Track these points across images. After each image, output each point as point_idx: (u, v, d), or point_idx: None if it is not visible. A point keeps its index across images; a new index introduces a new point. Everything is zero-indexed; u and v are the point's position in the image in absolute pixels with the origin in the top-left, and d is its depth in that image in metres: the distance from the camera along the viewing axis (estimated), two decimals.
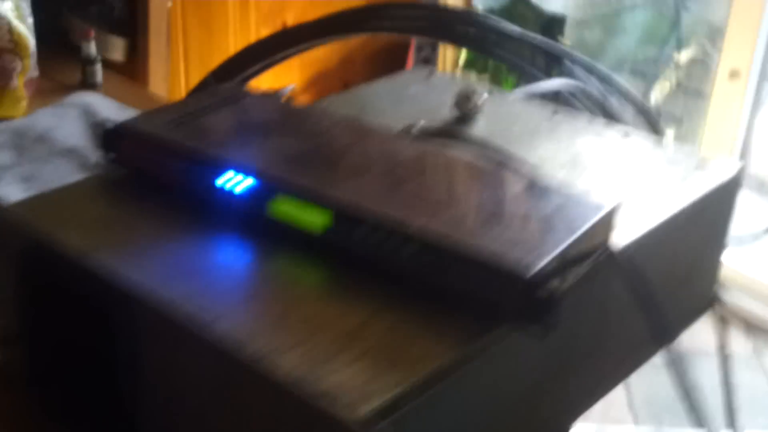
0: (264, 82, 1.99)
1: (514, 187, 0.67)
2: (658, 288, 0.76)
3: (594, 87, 1.29)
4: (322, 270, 0.65)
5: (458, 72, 2.39)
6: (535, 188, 0.68)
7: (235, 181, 0.66)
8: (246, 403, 0.56)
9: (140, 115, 0.76)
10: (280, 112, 0.78)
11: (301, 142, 0.72)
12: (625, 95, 1.31)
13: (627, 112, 1.33)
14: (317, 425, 0.51)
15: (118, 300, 0.60)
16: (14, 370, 0.71)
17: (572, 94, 1.26)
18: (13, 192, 0.97)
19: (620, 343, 0.76)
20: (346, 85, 2.28)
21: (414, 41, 2.18)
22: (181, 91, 1.94)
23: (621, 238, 0.70)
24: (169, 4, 1.55)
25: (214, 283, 0.61)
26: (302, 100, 2.25)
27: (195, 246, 0.65)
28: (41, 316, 0.68)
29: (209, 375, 0.58)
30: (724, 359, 0.95)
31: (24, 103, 1.20)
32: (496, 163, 0.74)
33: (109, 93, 1.36)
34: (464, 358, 0.57)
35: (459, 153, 0.74)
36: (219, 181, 0.67)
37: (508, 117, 0.90)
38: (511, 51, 1.26)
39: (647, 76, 2.59)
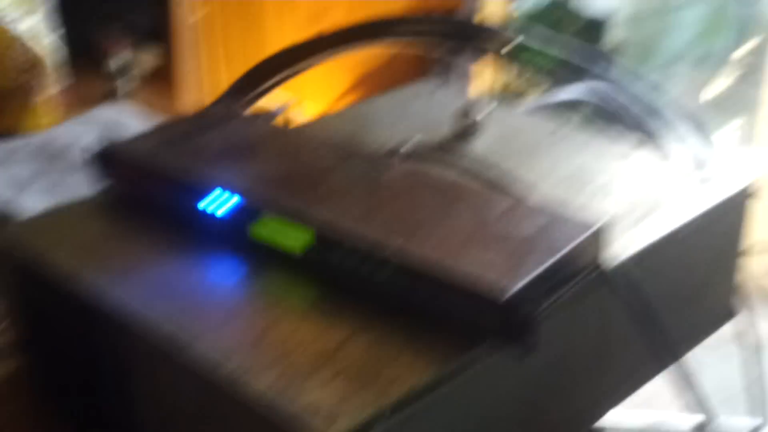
0: (310, 83, 2.00)
1: (498, 207, 0.67)
2: (663, 304, 0.75)
3: (627, 97, 1.27)
4: (303, 290, 0.65)
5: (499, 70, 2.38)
6: (520, 208, 0.67)
7: (219, 203, 0.67)
8: (224, 422, 0.57)
9: (132, 136, 0.77)
10: (268, 133, 0.79)
11: (286, 164, 0.73)
12: (668, 107, 1.28)
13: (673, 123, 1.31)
14: None
15: (103, 320, 0.62)
16: (26, 376, 0.74)
17: (605, 102, 1.24)
18: (35, 204, 0.99)
19: (623, 361, 0.75)
20: (394, 86, 2.28)
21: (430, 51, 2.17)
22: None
23: (616, 255, 0.69)
24: (196, 17, 1.57)
25: (195, 304, 0.62)
26: (348, 103, 2.26)
27: (179, 267, 0.66)
28: (42, 329, 0.70)
29: (190, 393, 0.59)
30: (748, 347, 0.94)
31: (49, 117, 1.23)
32: (484, 182, 0.74)
33: (139, 104, 1.38)
34: (441, 379, 0.57)
35: (446, 172, 0.75)
36: (202, 204, 0.68)
37: (510, 131, 0.90)
38: (535, 58, 1.25)
39: (708, 67, 2.55)
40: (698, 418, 0.73)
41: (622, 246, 0.71)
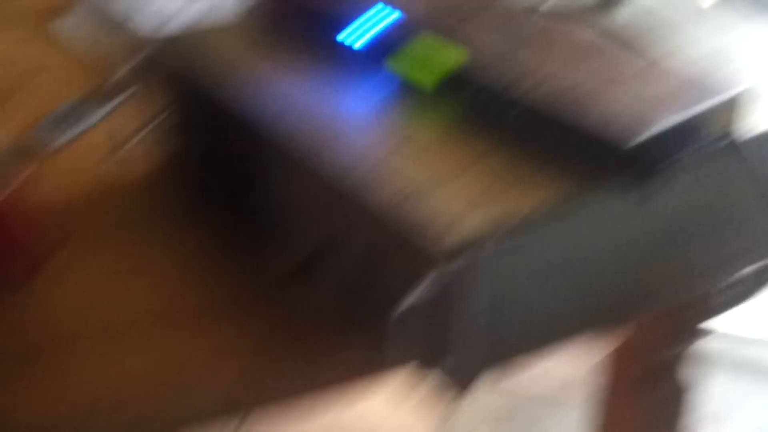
0: None
1: (634, 66, 0.67)
2: None
3: None
4: (432, 120, 0.67)
5: None
6: (657, 68, 0.67)
7: (359, 33, 0.71)
8: (349, 229, 0.61)
9: None
10: None
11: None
12: None
13: None
14: (404, 253, 0.55)
15: (245, 125, 0.66)
16: (174, 170, 0.78)
17: None
18: None
19: (737, 238, 0.75)
20: None
21: None
22: None
23: (751, 127, 0.68)
24: None
25: (331, 119, 0.66)
26: None
27: (317, 88, 0.70)
28: (198, 139, 0.75)
29: (319, 197, 0.63)
30: None
31: None
32: (622, 43, 0.74)
33: None
34: (556, 213, 0.58)
35: (585, 31, 0.74)
36: (341, 36, 0.72)
37: (660, 2, 0.88)
38: None
39: None
40: None
41: (759, 119, 0.70)
